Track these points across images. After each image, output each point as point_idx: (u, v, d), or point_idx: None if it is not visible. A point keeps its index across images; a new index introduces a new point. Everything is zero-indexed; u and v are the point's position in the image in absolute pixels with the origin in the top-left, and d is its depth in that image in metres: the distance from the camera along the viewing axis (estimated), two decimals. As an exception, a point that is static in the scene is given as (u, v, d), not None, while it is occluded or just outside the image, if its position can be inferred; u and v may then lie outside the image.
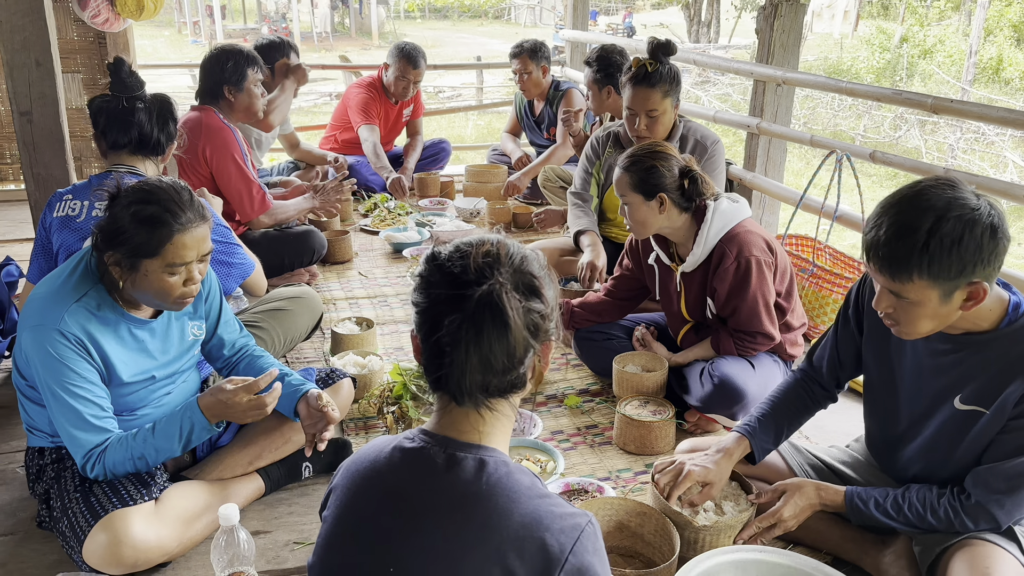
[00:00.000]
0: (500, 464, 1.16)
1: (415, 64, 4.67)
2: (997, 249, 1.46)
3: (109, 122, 2.37)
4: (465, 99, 15.10)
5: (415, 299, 1.20)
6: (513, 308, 1.12)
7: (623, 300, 2.77)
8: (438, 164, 5.27)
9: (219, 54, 3.29)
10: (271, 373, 1.91)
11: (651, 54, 2.98)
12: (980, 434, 1.65)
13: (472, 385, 1.14)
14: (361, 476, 1.22)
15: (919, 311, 1.53)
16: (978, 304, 1.51)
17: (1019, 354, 1.58)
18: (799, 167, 10.63)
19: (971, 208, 1.45)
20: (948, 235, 1.43)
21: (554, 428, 2.56)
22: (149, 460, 1.86)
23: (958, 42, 17.87)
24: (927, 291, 1.49)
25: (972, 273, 1.46)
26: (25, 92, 2.88)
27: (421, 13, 38.92)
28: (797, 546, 1.97)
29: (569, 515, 1.13)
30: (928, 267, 1.46)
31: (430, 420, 1.23)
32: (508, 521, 1.10)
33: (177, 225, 1.79)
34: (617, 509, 1.96)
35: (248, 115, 3.40)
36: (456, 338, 1.12)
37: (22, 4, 2.79)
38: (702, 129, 3.18)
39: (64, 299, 1.81)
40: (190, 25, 29.52)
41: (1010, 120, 3.03)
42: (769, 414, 1.98)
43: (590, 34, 6.24)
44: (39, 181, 3.00)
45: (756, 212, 4.40)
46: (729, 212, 2.39)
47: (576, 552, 1.09)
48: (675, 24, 26.85)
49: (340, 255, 3.93)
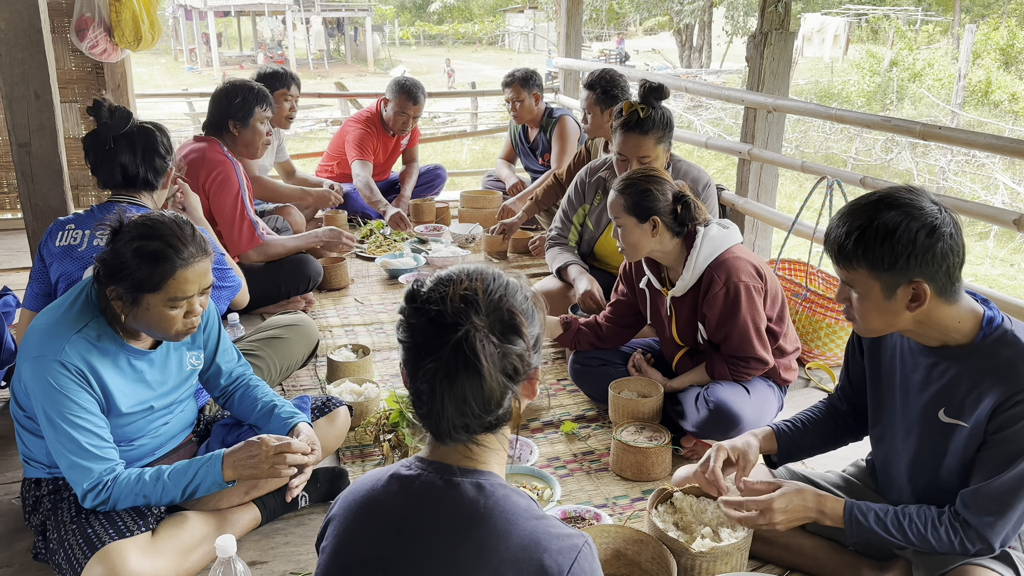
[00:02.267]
0: (497, 487, 1.17)
1: (415, 100, 4.71)
2: (934, 249, 1.52)
3: (96, 163, 2.42)
4: (460, 125, 15.21)
5: (399, 336, 1.21)
6: (488, 356, 1.13)
7: (622, 327, 2.78)
8: (433, 190, 5.30)
9: (230, 88, 3.32)
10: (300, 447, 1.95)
11: (643, 98, 2.93)
12: (962, 448, 1.67)
13: (451, 427, 1.15)
14: (358, 506, 1.23)
15: (867, 305, 1.61)
16: (922, 306, 1.56)
17: (993, 367, 1.60)
18: (792, 190, 10.71)
19: (917, 207, 1.53)
20: (884, 225, 1.53)
21: (550, 455, 2.56)
22: (152, 501, 1.87)
23: (947, 65, 18.09)
24: (869, 282, 1.57)
25: (907, 268, 1.53)
26: (24, 123, 2.90)
27: (416, 40, 39.28)
28: (794, 572, 1.97)
29: (566, 536, 1.14)
30: (864, 255, 1.55)
31: (425, 448, 1.25)
32: (507, 543, 1.11)
33: (180, 260, 1.81)
34: (614, 537, 1.96)
35: (249, 151, 3.44)
36: (432, 385, 1.13)
37: (22, 38, 2.82)
38: (693, 170, 3.16)
39: (65, 330, 1.82)
40: (186, 53, 29.77)
41: (998, 146, 3.07)
42: (799, 425, 2.01)
43: (583, 61, 6.32)
44: (37, 212, 3.01)
45: (748, 237, 4.43)
46: (719, 238, 2.42)
47: (574, 573, 1.11)
48: (667, 49, 27.14)
49: (336, 282, 3.94)
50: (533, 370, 1.23)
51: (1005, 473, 1.58)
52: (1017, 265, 8.35)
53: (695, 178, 3.12)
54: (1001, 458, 1.59)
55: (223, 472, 1.88)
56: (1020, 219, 2.84)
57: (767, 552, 2.02)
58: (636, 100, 2.95)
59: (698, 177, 3.14)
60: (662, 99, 2.95)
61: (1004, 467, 1.58)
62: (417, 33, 39.61)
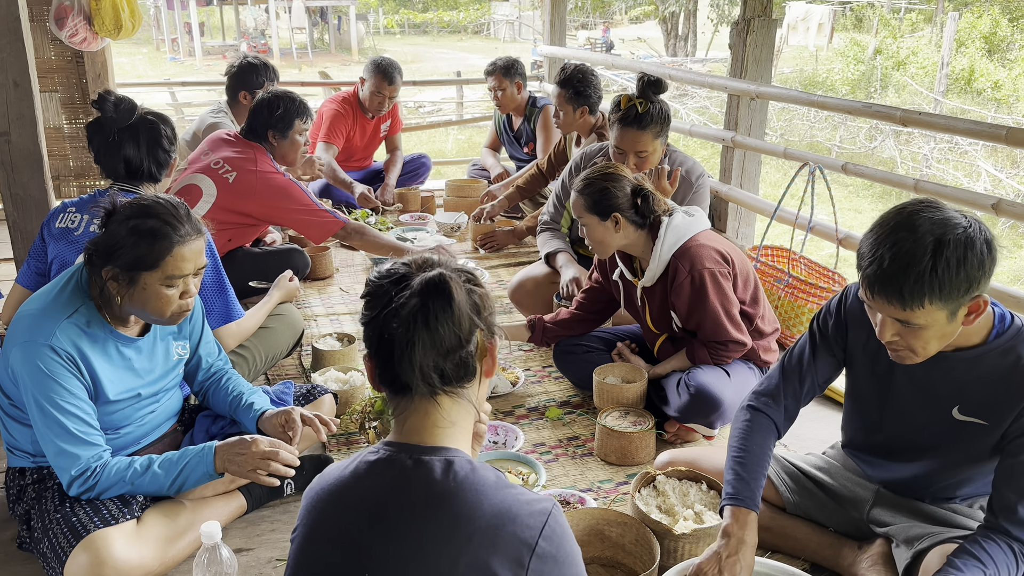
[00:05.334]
0: (465, 463, 1.20)
1: (390, 80, 4.69)
2: (995, 260, 1.51)
3: (99, 153, 2.41)
4: (445, 114, 15.15)
5: (362, 316, 1.26)
6: (457, 285, 1.21)
7: (593, 314, 2.81)
8: (419, 179, 5.29)
9: (272, 99, 3.26)
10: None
11: (641, 93, 2.90)
12: (982, 444, 1.69)
13: (425, 366, 1.19)
14: (327, 492, 1.25)
15: (927, 334, 1.54)
16: (980, 315, 1.55)
17: (1011, 365, 1.61)
18: (776, 178, 10.75)
19: (963, 227, 1.48)
20: (953, 256, 1.46)
21: (536, 440, 2.58)
22: (140, 490, 1.88)
23: (931, 54, 18.16)
24: (936, 314, 1.51)
25: (979, 287, 1.50)
26: (3, 112, 2.88)
27: (401, 29, 39.06)
28: (775, 553, 2.00)
29: (535, 501, 1.19)
30: (940, 291, 1.47)
31: (391, 432, 1.27)
32: (479, 513, 1.14)
33: (177, 237, 1.82)
34: (598, 519, 1.98)
35: (285, 162, 3.39)
36: (405, 319, 1.18)
37: (0, 25, 2.79)
38: (688, 161, 3.14)
39: (55, 315, 1.81)
40: (168, 42, 29.44)
41: (976, 131, 3.11)
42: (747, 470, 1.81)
43: (568, 49, 6.31)
44: (17, 201, 2.99)
45: (732, 224, 4.46)
46: (682, 226, 2.44)
47: (545, 535, 1.15)
48: (653, 38, 27.12)
49: (321, 271, 3.94)
50: (491, 338, 1.28)
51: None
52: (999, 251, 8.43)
53: (689, 169, 3.11)
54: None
55: (215, 463, 1.89)
56: (998, 204, 2.88)
57: (749, 534, 2.04)
58: (634, 94, 2.92)
59: (692, 168, 3.13)
60: (660, 93, 2.92)
61: None
62: (402, 22, 39.38)
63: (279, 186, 3.18)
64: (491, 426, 2.53)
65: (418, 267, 1.25)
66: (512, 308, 3.49)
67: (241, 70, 3.95)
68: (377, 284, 1.25)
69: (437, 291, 1.20)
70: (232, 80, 3.99)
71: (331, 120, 4.74)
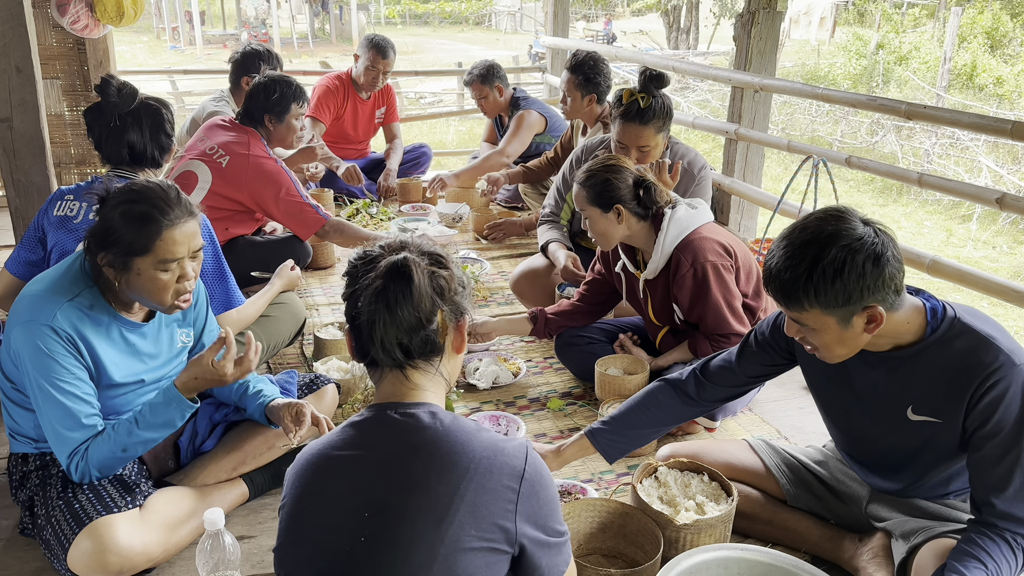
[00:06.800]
0: (446, 413, 1.33)
1: (384, 54, 4.68)
2: (883, 275, 1.51)
3: (101, 139, 2.40)
4: (446, 105, 15.12)
5: (344, 293, 1.36)
6: (418, 269, 1.30)
7: (595, 305, 2.81)
8: (419, 168, 5.29)
9: (268, 83, 3.25)
10: (223, 337, 1.90)
11: (643, 87, 2.87)
12: (939, 442, 1.69)
13: (388, 343, 1.29)
14: (317, 455, 1.32)
15: (824, 337, 1.60)
16: (879, 326, 1.56)
17: (951, 359, 1.60)
18: (778, 172, 10.74)
19: (855, 238, 1.51)
20: (830, 265, 1.50)
21: (537, 431, 2.58)
22: (131, 452, 1.85)
23: (933, 49, 18.11)
24: (823, 318, 1.56)
25: (862, 299, 1.52)
26: (5, 98, 2.87)
27: (402, 19, 38.91)
28: (776, 546, 2.00)
29: (512, 439, 1.33)
30: (816, 296, 1.53)
31: (374, 398, 1.36)
32: (471, 448, 1.26)
33: (166, 221, 1.81)
34: (600, 510, 1.98)
35: (283, 145, 3.39)
36: (368, 298, 1.29)
37: (2, 11, 2.78)
38: (690, 153, 3.13)
39: (57, 297, 1.81)
40: (169, 31, 29.34)
41: (982, 126, 3.10)
42: (619, 421, 2.04)
43: (570, 40, 6.30)
44: (19, 188, 2.98)
45: (735, 217, 4.45)
46: (685, 219, 2.43)
47: (530, 461, 1.30)
48: (655, 30, 27.01)
49: (323, 260, 3.94)
50: (461, 316, 1.38)
51: (1016, 466, 1.57)
52: (1000, 247, 8.42)
53: (692, 161, 3.11)
54: (996, 454, 1.58)
55: (181, 392, 1.86)
56: (1003, 198, 2.87)
57: (750, 527, 2.05)
58: (636, 88, 2.90)
59: (695, 160, 3.12)
60: (662, 87, 2.90)
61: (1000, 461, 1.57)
62: (403, 12, 39.21)
63: (269, 171, 3.17)
64: (493, 416, 2.53)
65: (390, 250, 1.34)
66: (514, 299, 3.50)
67: (245, 56, 3.95)
68: (353, 264, 1.36)
69: (398, 274, 1.29)
70: (236, 66, 3.99)
71: (319, 95, 4.73)
